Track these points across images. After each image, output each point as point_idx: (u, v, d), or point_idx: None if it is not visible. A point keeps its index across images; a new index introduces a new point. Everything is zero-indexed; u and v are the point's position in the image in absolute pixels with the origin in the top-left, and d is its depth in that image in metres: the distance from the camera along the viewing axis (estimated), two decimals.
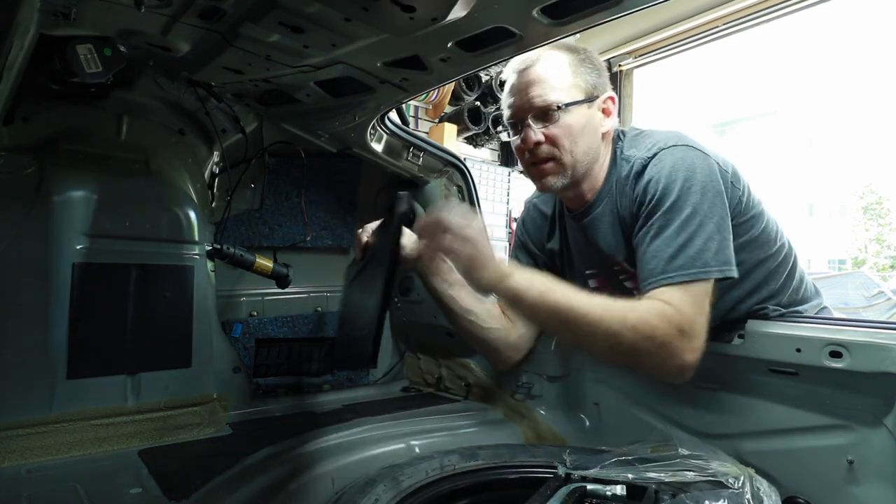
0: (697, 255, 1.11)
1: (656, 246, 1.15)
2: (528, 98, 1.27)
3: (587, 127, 1.27)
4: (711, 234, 1.12)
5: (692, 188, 1.15)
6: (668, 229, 1.14)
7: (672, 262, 1.12)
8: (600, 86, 1.30)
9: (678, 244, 1.12)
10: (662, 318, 1.07)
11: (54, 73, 1.32)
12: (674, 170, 1.17)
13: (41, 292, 1.37)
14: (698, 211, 1.13)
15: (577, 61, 1.28)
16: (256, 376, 1.84)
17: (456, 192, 2.00)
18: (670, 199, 1.15)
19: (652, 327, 1.06)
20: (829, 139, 25.57)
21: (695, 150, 1.20)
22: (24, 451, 1.27)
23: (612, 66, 3.48)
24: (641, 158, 1.24)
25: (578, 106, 1.26)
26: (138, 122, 1.61)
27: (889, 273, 16.62)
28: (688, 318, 1.08)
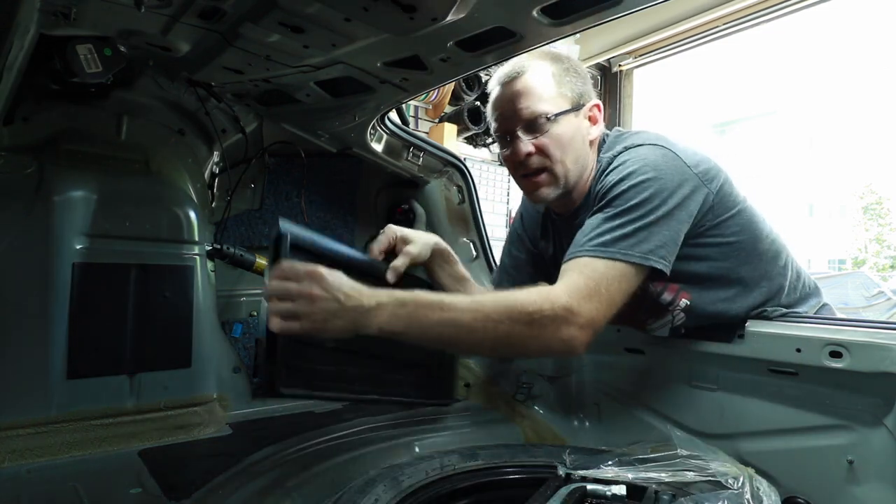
0: (621, 238, 1.11)
1: (592, 225, 1.16)
2: (517, 109, 1.26)
3: (576, 136, 1.27)
4: (648, 225, 1.12)
5: (646, 183, 1.15)
6: (608, 213, 1.16)
7: (596, 239, 1.13)
8: (586, 94, 1.30)
9: (610, 226, 1.13)
10: (545, 299, 1.05)
11: (54, 73, 1.32)
12: (633, 165, 1.18)
13: (41, 292, 1.37)
14: (644, 204, 1.13)
15: (561, 71, 1.28)
16: (256, 376, 1.84)
17: (456, 192, 2.00)
18: (620, 189, 1.16)
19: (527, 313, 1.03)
20: (829, 139, 25.56)
21: (662, 148, 1.20)
22: (24, 451, 1.27)
23: (612, 66, 3.48)
24: (608, 157, 1.26)
25: (566, 115, 1.26)
26: (138, 122, 1.62)
27: (889, 273, 16.61)
28: (575, 295, 1.06)
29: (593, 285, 1.08)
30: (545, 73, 1.27)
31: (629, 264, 1.11)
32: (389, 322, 1.00)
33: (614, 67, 3.46)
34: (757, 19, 2.67)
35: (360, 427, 1.46)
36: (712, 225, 1.21)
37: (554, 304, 1.04)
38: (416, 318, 1.01)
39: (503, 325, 1.03)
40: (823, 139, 25.76)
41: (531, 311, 1.03)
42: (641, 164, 1.17)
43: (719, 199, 1.22)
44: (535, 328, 1.03)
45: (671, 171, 1.16)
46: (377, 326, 0.99)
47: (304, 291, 0.96)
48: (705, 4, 2.67)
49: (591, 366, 1.56)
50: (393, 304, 1.01)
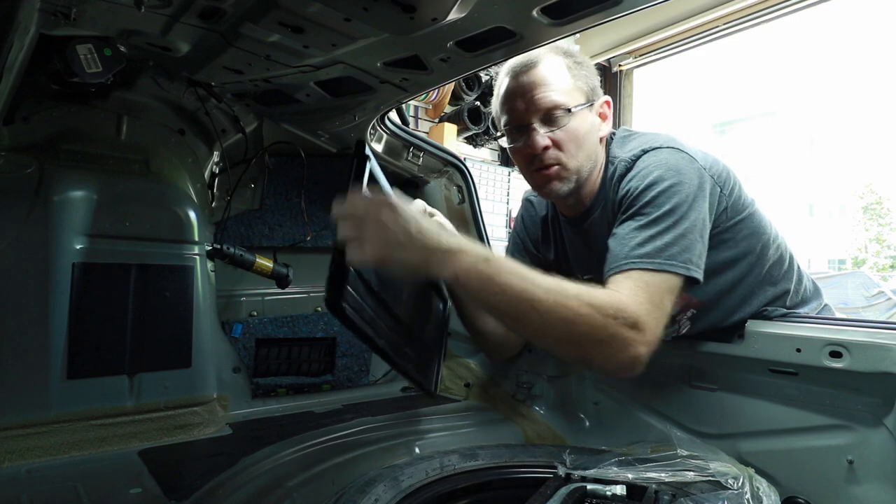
0: (664, 248, 1.08)
1: (626, 233, 1.13)
2: (534, 99, 1.22)
3: (590, 131, 1.26)
4: (684, 233, 1.10)
5: (673, 188, 1.13)
6: (641, 220, 1.13)
7: (638, 249, 1.09)
8: (597, 89, 1.29)
9: (648, 235, 1.10)
10: (618, 309, 0.99)
11: (54, 73, 1.32)
12: (658, 169, 1.16)
13: (41, 292, 1.37)
14: (676, 210, 1.12)
15: (574, 63, 1.27)
16: (256, 376, 1.84)
17: (456, 192, 2.00)
18: (650, 195, 1.14)
19: (605, 316, 0.98)
20: (829, 139, 25.57)
21: (680, 152, 1.19)
22: (24, 451, 1.27)
23: (612, 66, 3.49)
24: (625, 160, 1.23)
25: (582, 109, 1.25)
26: (138, 122, 1.61)
27: (889, 273, 16.63)
28: (643, 310, 1.01)
29: (656, 299, 1.04)
30: (559, 64, 1.25)
31: (675, 275, 1.08)
32: (467, 273, 0.93)
33: (614, 67, 3.47)
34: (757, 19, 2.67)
35: (360, 427, 1.45)
36: (724, 228, 1.21)
37: (627, 312, 0.99)
38: (496, 279, 0.94)
39: (580, 319, 0.97)
40: (823, 139, 25.76)
41: (608, 313, 0.98)
42: (666, 169, 1.15)
43: (732, 203, 1.22)
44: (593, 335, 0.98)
45: (693, 174, 1.16)
46: (452, 273, 0.93)
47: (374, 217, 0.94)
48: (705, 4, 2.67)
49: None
50: (476, 256, 0.94)
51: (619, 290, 1.04)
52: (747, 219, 1.24)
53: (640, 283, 1.05)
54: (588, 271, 1.38)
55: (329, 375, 1.97)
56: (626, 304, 1.00)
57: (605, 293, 1.02)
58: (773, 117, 26.68)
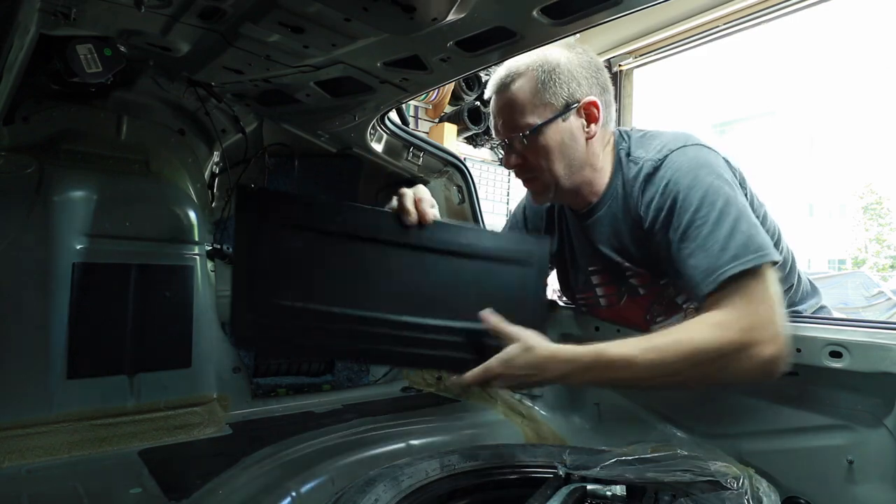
0: (749, 241, 1.05)
1: (699, 244, 1.08)
2: (502, 123, 1.28)
3: (564, 142, 1.24)
4: (752, 221, 1.08)
5: (716, 182, 1.11)
6: (705, 226, 1.08)
7: (723, 254, 1.05)
8: (578, 92, 1.24)
9: (723, 235, 1.06)
10: (722, 331, 1.01)
11: (54, 73, 1.32)
12: (693, 168, 1.14)
13: (41, 292, 1.37)
14: (732, 200, 1.09)
15: (549, 76, 1.23)
16: (256, 376, 1.84)
17: (456, 192, 2.00)
18: (698, 197, 1.10)
19: (716, 345, 1.01)
20: (829, 139, 25.57)
21: (705, 148, 1.19)
22: (24, 451, 1.27)
23: (612, 66, 3.48)
24: (651, 160, 1.21)
25: (551, 124, 1.23)
26: (138, 122, 1.61)
27: (889, 273, 16.63)
28: (750, 312, 1.02)
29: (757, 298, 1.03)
30: (530, 82, 1.23)
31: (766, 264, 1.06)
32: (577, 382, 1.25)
33: (614, 67, 3.46)
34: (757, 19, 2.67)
35: (360, 427, 1.46)
36: None
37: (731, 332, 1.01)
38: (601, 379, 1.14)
39: (697, 370, 1.03)
40: (823, 139, 25.76)
41: (714, 350, 1.01)
42: (698, 165, 1.14)
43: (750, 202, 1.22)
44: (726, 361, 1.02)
45: (722, 169, 1.16)
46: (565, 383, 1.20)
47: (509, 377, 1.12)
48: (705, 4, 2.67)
49: None
50: (578, 371, 1.08)
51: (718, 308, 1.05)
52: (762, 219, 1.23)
53: (741, 289, 1.04)
54: (591, 264, 1.38)
55: (329, 375, 1.97)
56: (729, 320, 1.02)
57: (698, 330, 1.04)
58: (773, 117, 26.68)
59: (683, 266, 1.11)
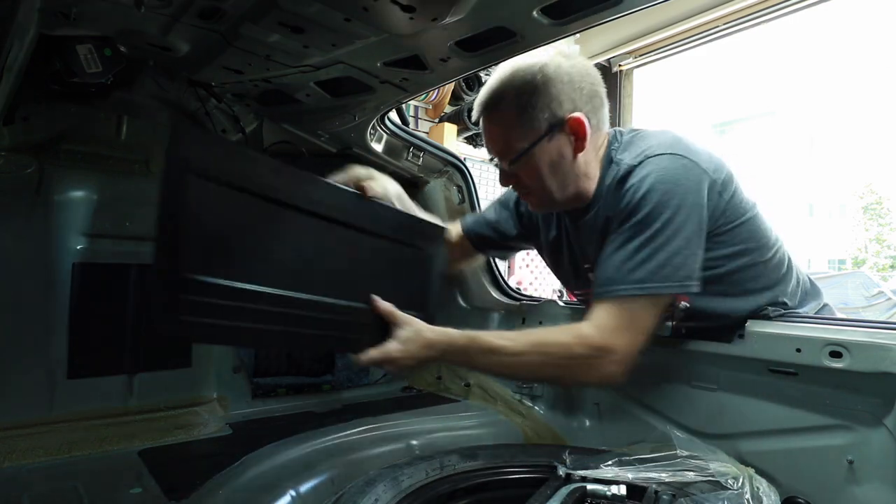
0: (660, 269, 1.12)
1: (619, 256, 1.16)
2: (491, 145, 1.31)
3: (553, 159, 1.25)
4: (679, 249, 1.12)
5: (668, 201, 1.13)
6: (634, 241, 1.15)
7: (630, 273, 1.13)
8: (561, 110, 1.21)
9: (641, 258, 1.13)
10: (580, 342, 1.15)
11: (54, 73, 1.32)
12: (654, 180, 1.15)
13: (41, 292, 1.37)
14: (670, 224, 1.12)
15: (527, 101, 1.21)
16: (256, 376, 1.84)
17: (456, 192, 2.00)
18: (643, 211, 1.14)
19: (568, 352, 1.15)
20: (829, 139, 25.57)
21: (683, 158, 1.17)
22: (24, 451, 1.27)
23: (612, 66, 3.48)
24: (628, 164, 1.22)
25: (536, 146, 1.23)
26: (138, 122, 1.62)
27: (889, 273, 16.63)
28: (607, 335, 1.14)
29: (625, 324, 1.14)
30: (511, 107, 1.22)
31: (667, 295, 1.15)
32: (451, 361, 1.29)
33: (614, 67, 3.46)
34: (757, 19, 2.67)
35: (360, 427, 1.45)
36: (722, 232, 1.20)
37: (587, 345, 1.14)
38: (471, 361, 1.22)
39: (546, 368, 1.20)
40: (823, 139, 25.76)
41: (567, 355, 1.15)
42: (662, 179, 1.15)
43: (732, 207, 1.21)
44: (573, 369, 1.17)
45: (692, 181, 1.15)
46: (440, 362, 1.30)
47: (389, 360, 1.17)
48: (705, 4, 2.67)
49: None
50: (453, 351, 1.20)
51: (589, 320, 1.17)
52: (747, 223, 1.23)
53: (615, 310, 1.15)
54: (586, 262, 1.39)
55: (329, 375, 1.97)
56: (585, 334, 1.15)
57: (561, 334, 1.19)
58: (773, 117, 26.68)
59: (602, 262, 1.20)
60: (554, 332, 1.21)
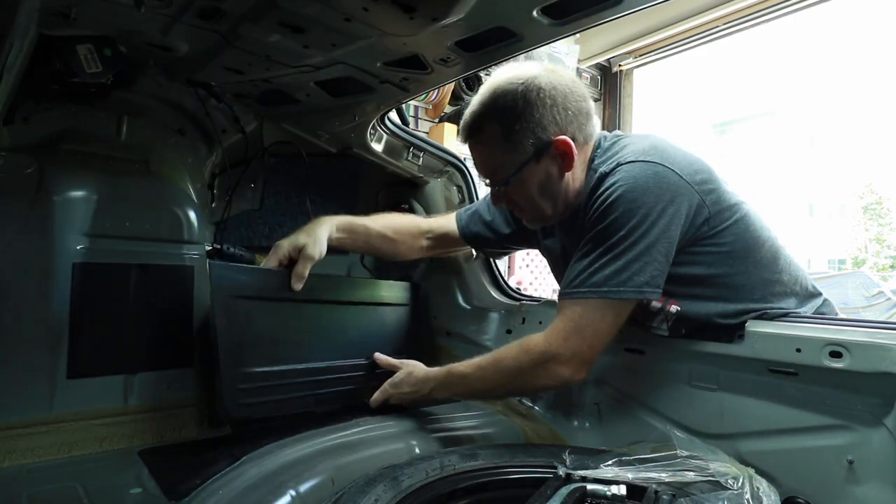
0: (613, 275, 1.14)
1: (581, 263, 1.20)
2: (480, 169, 1.36)
3: (541, 180, 1.26)
4: (637, 256, 1.13)
5: (634, 210, 1.13)
6: (598, 248, 1.17)
7: (590, 277, 1.16)
8: (545, 134, 1.22)
9: (600, 264, 1.16)
10: (526, 352, 1.23)
11: (54, 73, 1.32)
12: (622, 189, 1.15)
13: (41, 292, 1.37)
14: (633, 232, 1.13)
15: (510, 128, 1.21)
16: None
17: (456, 193, 2.00)
18: (609, 219, 1.15)
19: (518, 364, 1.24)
20: (829, 139, 25.57)
21: (656, 165, 1.16)
22: (24, 451, 1.27)
23: (612, 66, 3.49)
24: (601, 172, 1.22)
25: (525, 168, 1.24)
26: (138, 122, 1.61)
27: (889, 273, 16.62)
28: (552, 339, 1.20)
29: (573, 326, 1.19)
30: (495, 133, 1.24)
31: (623, 300, 1.17)
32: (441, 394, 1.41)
33: (614, 67, 3.47)
34: (757, 19, 2.67)
35: (360, 427, 1.45)
36: (708, 235, 1.20)
37: (532, 353, 1.22)
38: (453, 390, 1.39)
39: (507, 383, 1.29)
40: (823, 139, 25.75)
41: (516, 367, 1.24)
42: (631, 187, 1.14)
43: (717, 210, 1.20)
44: (524, 377, 1.25)
45: (663, 189, 1.14)
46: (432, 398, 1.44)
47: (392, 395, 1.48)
48: (705, 4, 2.68)
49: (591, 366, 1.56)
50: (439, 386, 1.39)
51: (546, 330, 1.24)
52: (734, 224, 1.22)
53: (572, 312, 1.20)
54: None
55: None
56: (531, 344, 1.23)
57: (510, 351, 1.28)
58: (773, 117, 26.66)
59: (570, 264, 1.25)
60: (507, 348, 1.29)
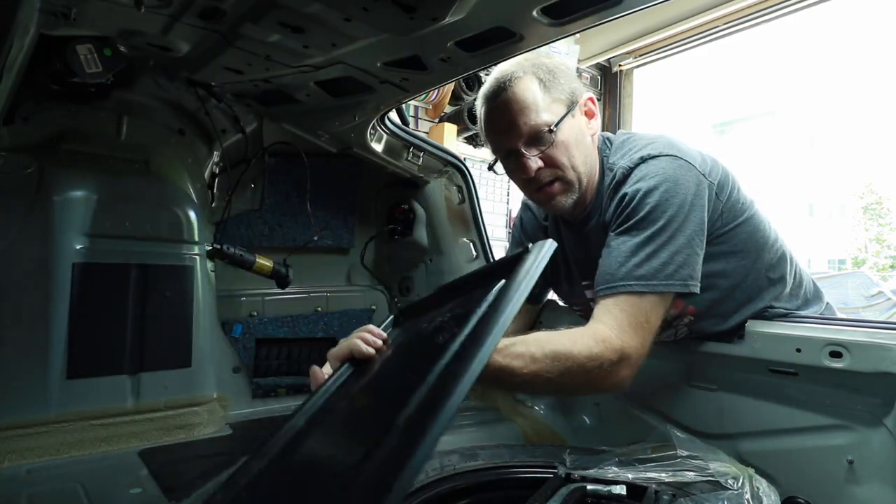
0: (661, 268, 1.10)
1: (622, 251, 1.13)
2: (515, 125, 1.21)
3: (578, 137, 1.24)
4: (680, 248, 1.11)
5: (669, 200, 1.13)
6: (638, 237, 1.13)
7: (635, 270, 1.10)
8: (577, 90, 1.25)
9: (646, 254, 1.11)
10: (602, 345, 1.05)
11: (54, 73, 1.32)
12: (654, 180, 1.15)
13: (41, 292, 1.37)
14: (672, 223, 1.11)
15: (547, 75, 1.22)
16: (256, 376, 1.84)
17: (456, 192, 2.00)
18: (645, 209, 1.13)
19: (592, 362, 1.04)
20: (829, 139, 25.56)
21: (679, 160, 1.17)
22: (24, 451, 1.27)
23: (612, 66, 3.48)
24: (623, 168, 1.21)
25: (565, 119, 1.22)
26: (138, 122, 1.61)
27: (889, 273, 16.61)
28: (628, 337, 1.08)
29: (635, 322, 1.09)
30: (531, 82, 1.21)
31: (670, 294, 1.12)
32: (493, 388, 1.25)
33: (614, 67, 3.46)
34: (757, 19, 2.67)
35: None
36: (720, 234, 1.20)
37: (610, 349, 1.05)
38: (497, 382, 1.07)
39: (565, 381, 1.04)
40: (823, 139, 25.75)
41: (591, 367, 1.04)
42: (662, 179, 1.14)
43: (728, 208, 1.21)
44: (593, 377, 1.05)
45: (691, 183, 1.15)
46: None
47: None
48: (705, 4, 2.67)
49: None
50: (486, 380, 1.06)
51: (602, 322, 1.10)
52: (745, 223, 1.23)
53: (627, 307, 1.10)
54: (588, 276, 1.37)
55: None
56: (610, 342, 1.06)
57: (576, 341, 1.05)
58: (773, 117, 26.65)
59: (605, 257, 1.17)
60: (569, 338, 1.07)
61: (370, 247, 2.18)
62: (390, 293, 2.20)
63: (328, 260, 2.09)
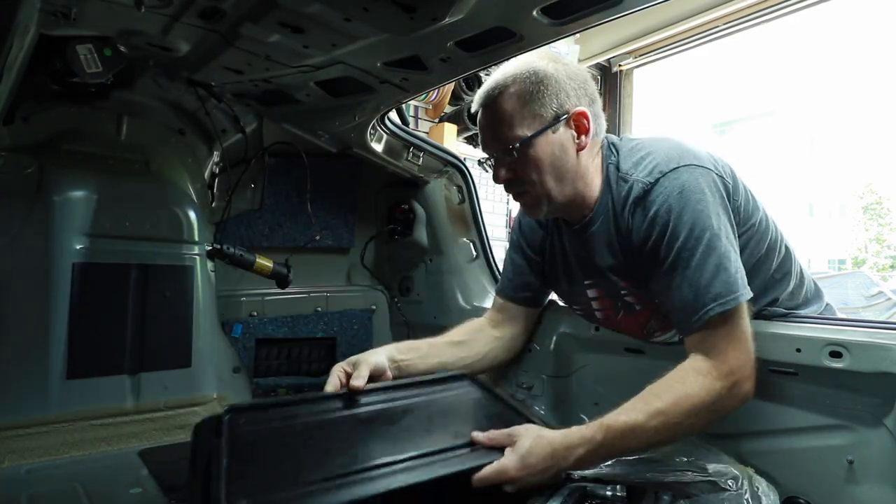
0: (731, 280, 1.10)
1: (685, 278, 1.12)
2: (490, 136, 1.25)
3: (555, 154, 1.22)
4: (728, 255, 1.11)
5: (705, 211, 1.12)
6: (693, 259, 1.11)
7: (708, 292, 1.09)
8: (567, 103, 1.22)
9: (709, 272, 1.10)
10: (711, 378, 1.07)
11: (54, 73, 1.32)
12: (683, 196, 1.13)
13: (41, 292, 1.37)
14: (717, 234, 1.11)
15: (537, 87, 1.20)
16: (256, 376, 1.84)
17: (456, 192, 2.00)
18: (686, 228, 1.12)
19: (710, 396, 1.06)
20: (829, 139, 25.57)
21: (697, 168, 1.16)
22: (24, 451, 1.27)
23: (612, 66, 3.48)
24: (642, 182, 1.19)
25: (541, 135, 1.20)
26: (138, 122, 1.62)
27: (889, 273, 16.61)
28: (732, 356, 1.08)
29: (734, 341, 1.09)
30: (519, 94, 1.21)
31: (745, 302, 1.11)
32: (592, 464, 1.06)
33: (614, 67, 3.46)
34: (757, 19, 2.67)
35: None
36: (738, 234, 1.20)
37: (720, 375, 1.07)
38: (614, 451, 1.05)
39: (691, 421, 1.06)
40: (823, 139, 25.76)
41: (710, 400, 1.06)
42: (688, 193, 1.14)
43: (740, 210, 1.21)
44: (718, 407, 1.07)
45: (714, 190, 1.15)
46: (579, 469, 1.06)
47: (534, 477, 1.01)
48: (705, 4, 2.67)
49: (592, 365, 1.56)
50: (589, 452, 1.03)
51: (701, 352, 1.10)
52: (756, 225, 1.23)
53: (718, 328, 1.10)
54: (587, 277, 1.36)
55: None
56: (717, 369, 1.08)
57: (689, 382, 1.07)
58: (773, 117, 26.65)
59: (671, 296, 1.15)
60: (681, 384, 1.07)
61: (370, 247, 2.18)
62: (390, 293, 2.20)
63: (328, 260, 2.09)
